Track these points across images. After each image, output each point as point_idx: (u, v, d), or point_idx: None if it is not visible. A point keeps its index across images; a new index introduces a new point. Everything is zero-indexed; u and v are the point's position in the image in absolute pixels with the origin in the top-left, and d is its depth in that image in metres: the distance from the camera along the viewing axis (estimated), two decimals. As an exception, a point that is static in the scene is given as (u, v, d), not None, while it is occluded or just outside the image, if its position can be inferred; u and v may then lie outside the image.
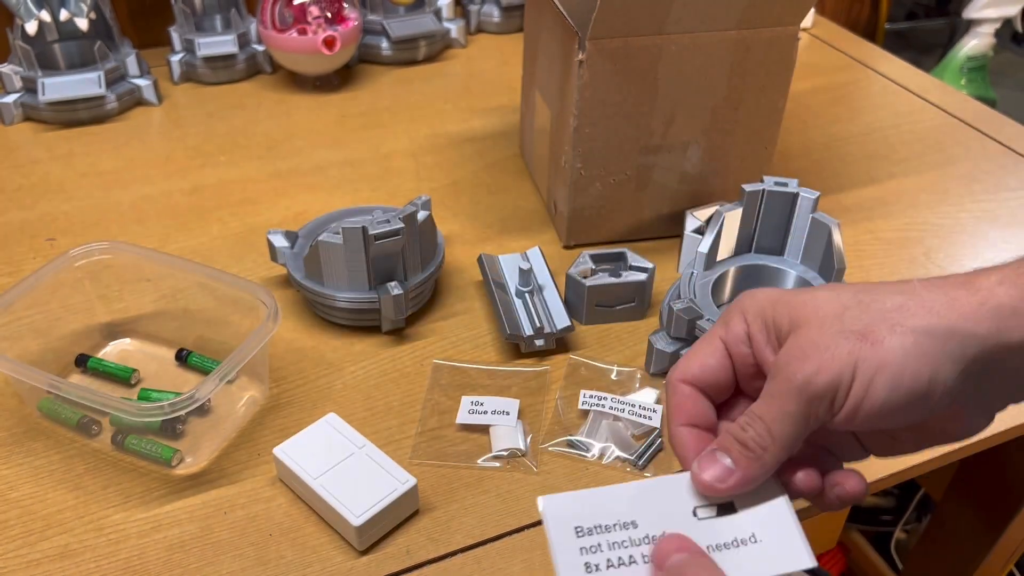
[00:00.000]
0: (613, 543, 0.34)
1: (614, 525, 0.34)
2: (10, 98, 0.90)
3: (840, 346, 0.33)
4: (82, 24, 0.90)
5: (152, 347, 0.63)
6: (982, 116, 0.96)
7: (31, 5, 0.89)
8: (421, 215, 0.64)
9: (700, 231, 0.69)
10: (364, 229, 0.60)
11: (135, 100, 0.94)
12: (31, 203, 0.79)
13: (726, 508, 0.36)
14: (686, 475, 0.36)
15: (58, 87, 0.88)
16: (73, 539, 0.50)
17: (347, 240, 0.60)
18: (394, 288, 0.62)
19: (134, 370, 0.60)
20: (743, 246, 0.66)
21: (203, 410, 0.57)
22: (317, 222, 0.69)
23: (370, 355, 0.63)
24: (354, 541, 0.49)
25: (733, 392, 0.39)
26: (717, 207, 0.71)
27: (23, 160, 0.85)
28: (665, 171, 0.71)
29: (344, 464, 0.51)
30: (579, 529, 0.34)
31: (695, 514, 0.35)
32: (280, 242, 0.66)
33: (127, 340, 0.64)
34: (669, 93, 0.67)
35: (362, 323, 0.64)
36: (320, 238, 0.61)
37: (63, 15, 0.89)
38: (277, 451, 0.52)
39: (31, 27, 0.89)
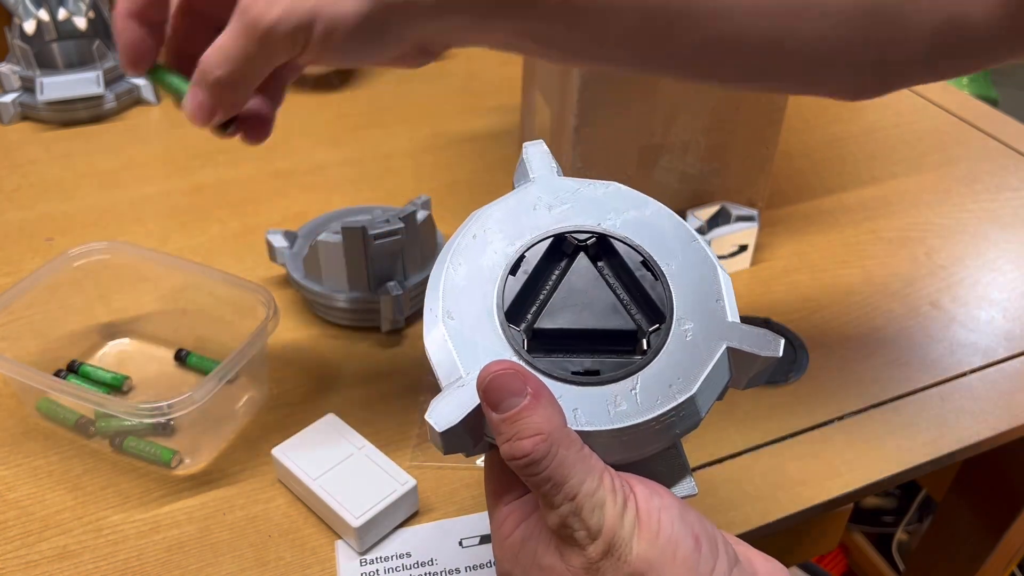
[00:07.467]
0: None
1: None
2: (8, 97, 0.90)
3: None
4: (80, 23, 0.90)
5: (151, 347, 0.63)
6: (984, 116, 0.96)
7: (29, 4, 0.89)
8: (421, 215, 0.63)
9: (701, 231, 0.69)
10: (363, 229, 0.60)
11: (134, 99, 0.94)
12: (29, 203, 0.79)
13: None
14: None
15: (56, 86, 0.88)
16: (72, 540, 0.50)
17: (346, 240, 0.60)
18: (394, 288, 0.62)
19: (126, 377, 0.59)
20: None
21: (202, 411, 0.57)
22: (316, 222, 0.69)
23: (370, 355, 0.63)
24: (354, 542, 0.49)
25: None
26: (718, 207, 0.71)
27: (21, 160, 0.85)
28: (665, 171, 0.71)
29: (343, 465, 0.51)
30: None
31: None
32: (279, 242, 0.65)
33: (126, 340, 0.63)
34: (669, 93, 0.67)
35: (361, 323, 0.64)
36: (319, 238, 0.61)
37: (61, 14, 0.89)
38: (276, 452, 0.52)
39: (29, 26, 0.88)
